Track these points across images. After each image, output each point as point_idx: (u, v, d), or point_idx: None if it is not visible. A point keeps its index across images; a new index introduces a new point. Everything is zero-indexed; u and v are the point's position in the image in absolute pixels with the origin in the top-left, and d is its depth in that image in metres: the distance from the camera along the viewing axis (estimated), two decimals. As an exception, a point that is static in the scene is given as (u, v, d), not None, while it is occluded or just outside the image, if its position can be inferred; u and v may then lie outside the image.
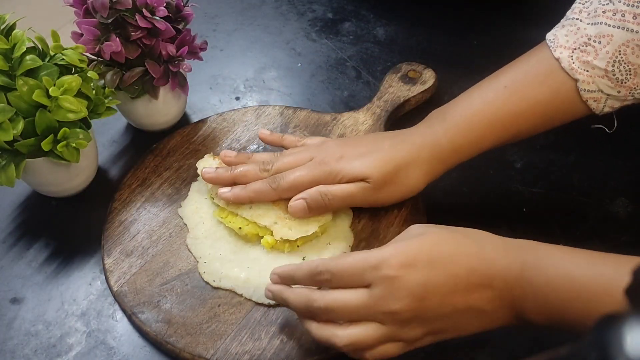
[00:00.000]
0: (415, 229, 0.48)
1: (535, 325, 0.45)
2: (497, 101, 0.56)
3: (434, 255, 0.45)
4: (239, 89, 0.76)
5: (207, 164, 0.61)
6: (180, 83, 0.65)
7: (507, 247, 0.46)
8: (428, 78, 0.72)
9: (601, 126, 0.60)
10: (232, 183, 0.59)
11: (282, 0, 0.88)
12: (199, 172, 0.61)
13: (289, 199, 0.57)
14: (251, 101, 0.74)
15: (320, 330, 0.47)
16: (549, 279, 0.44)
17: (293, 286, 0.49)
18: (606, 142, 0.68)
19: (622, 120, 0.70)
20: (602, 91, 0.53)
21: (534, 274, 0.44)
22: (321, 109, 0.72)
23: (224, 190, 0.58)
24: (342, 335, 0.45)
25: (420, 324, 0.45)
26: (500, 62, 0.58)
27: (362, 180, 0.56)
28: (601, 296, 0.42)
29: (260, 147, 0.67)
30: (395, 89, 0.71)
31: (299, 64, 0.79)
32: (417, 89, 0.71)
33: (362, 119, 0.68)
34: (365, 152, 0.57)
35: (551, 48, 0.55)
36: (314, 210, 0.56)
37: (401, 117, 0.71)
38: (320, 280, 0.47)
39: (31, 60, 0.54)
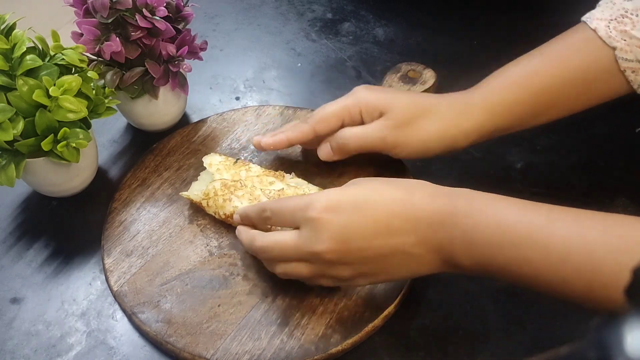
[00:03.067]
0: (353, 180, 0.50)
1: (465, 270, 0.46)
2: (533, 66, 0.55)
3: (358, 200, 0.47)
4: (239, 89, 0.76)
5: (213, 160, 0.62)
6: (180, 83, 0.65)
7: (437, 193, 0.47)
8: (428, 78, 0.72)
9: None
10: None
11: (282, 0, 0.88)
12: (205, 164, 0.62)
13: None
14: (251, 101, 0.74)
15: (265, 263, 0.52)
16: (477, 222, 0.44)
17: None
18: (606, 142, 0.69)
19: (622, 121, 0.70)
20: None
21: (462, 218, 0.44)
22: (321, 109, 0.72)
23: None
24: (278, 269, 0.50)
25: (346, 265, 0.47)
26: (501, 61, 0.58)
27: (381, 115, 0.56)
28: (529, 243, 0.42)
29: (260, 147, 0.67)
30: (396, 89, 0.71)
31: (299, 64, 0.79)
32: (417, 89, 0.71)
33: (362, 119, 0.68)
34: (389, 90, 0.59)
35: (587, 22, 0.54)
36: (336, 152, 0.60)
37: (401, 117, 0.71)
38: (264, 218, 0.51)
39: (31, 60, 0.54)
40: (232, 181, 0.59)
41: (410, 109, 0.55)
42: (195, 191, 0.60)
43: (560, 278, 0.41)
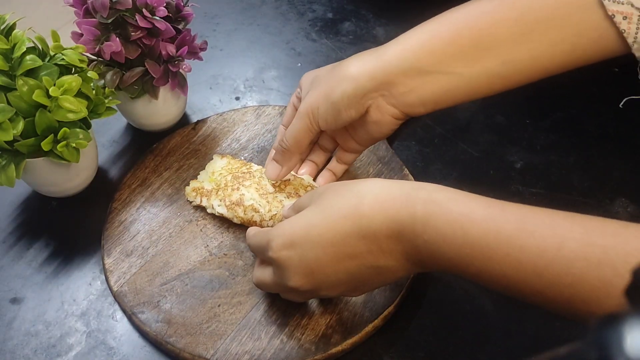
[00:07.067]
0: (309, 196, 0.49)
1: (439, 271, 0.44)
2: (490, 12, 0.47)
3: (308, 229, 0.45)
4: (239, 89, 0.76)
5: (216, 166, 0.63)
6: (180, 83, 0.65)
7: (389, 197, 0.43)
8: (428, 78, 0.72)
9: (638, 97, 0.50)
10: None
11: (282, 0, 0.88)
12: (208, 172, 0.63)
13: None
14: (251, 101, 0.74)
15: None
16: (440, 232, 0.40)
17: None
18: (606, 142, 0.69)
19: (622, 120, 0.70)
20: (632, 4, 0.41)
21: (422, 226, 0.41)
22: (321, 109, 0.72)
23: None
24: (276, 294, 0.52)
25: (326, 290, 0.47)
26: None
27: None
28: (500, 255, 0.38)
29: (260, 146, 0.67)
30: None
31: (299, 64, 0.79)
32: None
33: (362, 119, 0.68)
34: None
35: None
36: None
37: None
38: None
39: (31, 60, 0.54)
40: (240, 172, 0.60)
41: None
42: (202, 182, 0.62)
43: (536, 291, 0.38)
